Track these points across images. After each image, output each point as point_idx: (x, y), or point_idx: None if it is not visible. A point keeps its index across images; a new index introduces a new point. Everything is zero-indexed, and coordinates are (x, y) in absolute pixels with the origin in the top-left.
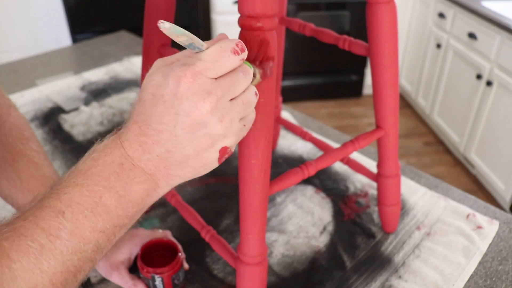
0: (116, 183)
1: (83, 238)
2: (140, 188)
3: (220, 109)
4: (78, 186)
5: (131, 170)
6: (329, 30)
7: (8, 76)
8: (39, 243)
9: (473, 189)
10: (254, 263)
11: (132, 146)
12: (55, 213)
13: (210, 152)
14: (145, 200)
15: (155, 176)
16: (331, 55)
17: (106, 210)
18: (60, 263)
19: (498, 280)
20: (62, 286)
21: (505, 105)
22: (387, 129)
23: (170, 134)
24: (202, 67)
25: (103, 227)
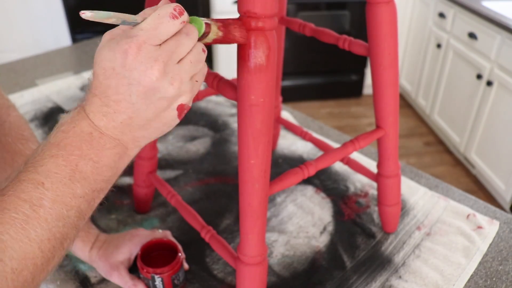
0: (89, 151)
1: (65, 205)
2: (111, 153)
3: (169, 73)
4: (54, 158)
5: (101, 138)
6: (329, 30)
7: (8, 76)
8: (24, 214)
9: (473, 189)
10: (254, 263)
11: (96, 116)
12: (34, 185)
13: (168, 112)
14: (118, 163)
15: (123, 140)
16: (331, 55)
17: (83, 176)
18: (47, 230)
19: (498, 280)
20: (50, 253)
21: (505, 105)
22: (387, 129)
23: (127, 103)
24: (145, 37)
25: (82, 192)
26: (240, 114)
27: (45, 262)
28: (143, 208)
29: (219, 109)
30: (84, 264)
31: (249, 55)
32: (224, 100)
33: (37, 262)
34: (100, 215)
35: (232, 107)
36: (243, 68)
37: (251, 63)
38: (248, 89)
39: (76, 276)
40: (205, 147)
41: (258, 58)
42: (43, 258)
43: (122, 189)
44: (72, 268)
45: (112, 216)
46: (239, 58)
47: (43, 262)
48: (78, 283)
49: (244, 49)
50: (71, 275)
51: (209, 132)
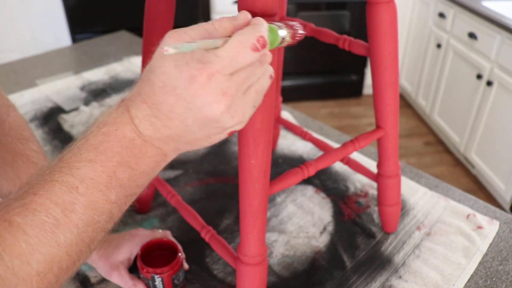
0: (129, 158)
1: (97, 210)
2: (151, 161)
3: (233, 106)
4: (92, 162)
5: (142, 146)
6: (329, 30)
7: (8, 76)
8: (54, 218)
9: (473, 189)
10: (254, 263)
11: (142, 124)
12: (68, 188)
13: (220, 136)
14: (155, 170)
15: (165, 149)
16: (331, 55)
17: (119, 184)
18: (76, 235)
19: (498, 280)
20: (76, 256)
21: (505, 105)
22: (387, 129)
23: (180, 123)
24: (219, 66)
25: (116, 198)
26: None
27: (71, 264)
28: (143, 208)
29: None
30: (84, 264)
31: None
32: None
33: (62, 265)
34: None
35: None
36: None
37: None
38: None
39: (76, 276)
40: (205, 147)
41: None
42: (69, 261)
43: None
44: None
45: None
46: None
47: (69, 265)
48: (78, 283)
49: None
50: None
51: None
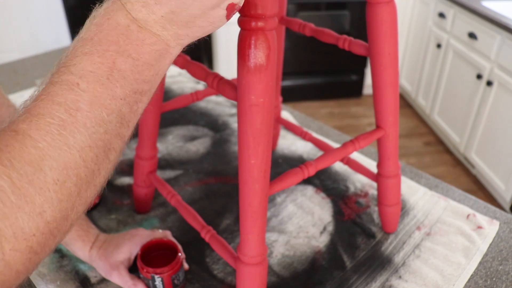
0: (127, 46)
1: (104, 107)
2: (152, 49)
3: None
4: (88, 55)
5: (139, 32)
6: (329, 30)
7: (8, 76)
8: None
9: (473, 189)
10: (254, 263)
11: (134, 7)
12: (69, 86)
13: (217, 11)
14: (159, 62)
15: (164, 36)
16: (331, 55)
17: (122, 75)
18: (87, 137)
19: (498, 280)
20: (94, 164)
21: (505, 105)
22: (387, 129)
23: None
24: None
25: (122, 93)
26: (240, 114)
27: (90, 174)
28: (143, 208)
29: (219, 109)
30: (84, 264)
31: (249, 55)
32: (224, 100)
33: (80, 173)
34: (100, 215)
35: (232, 107)
36: (243, 68)
37: (251, 63)
38: (248, 89)
39: (76, 276)
40: (205, 147)
41: (258, 58)
42: (87, 169)
43: (122, 189)
44: (72, 268)
45: (112, 216)
46: (239, 58)
47: (87, 174)
48: (78, 283)
49: (244, 49)
50: (71, 275)
51: (209, 132)
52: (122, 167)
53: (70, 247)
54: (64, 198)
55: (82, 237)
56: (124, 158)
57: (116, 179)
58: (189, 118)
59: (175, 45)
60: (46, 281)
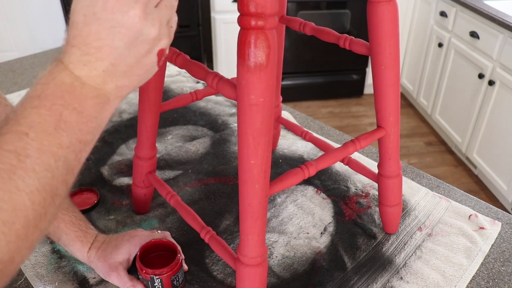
0: (72, 100)
1: (52, 154)
2: (95, 103)
3: (149, 14)
4: (36, 108)
5: (82, 88)
6: (330, 29)
7: (6, 75)
8: (10, 164)
9: (475, 189)
10: (254, 264)
11: (77, 66)
12: (18, 135)
13: (149, 57)
14: (101, 114)
15: (105, 90)
16: (331, 54)
17: (68, 126)
18: (35, 181)
19: (500, 281)
20: (41, 207)
21: (507, 104)
22: (388, 129)
23: (110, 48)
24: None
25: (68, 142)
26: (240, 113)
27: (37, 217)
28: (142, 208)
29: (218, 108)
30: (83, 265)
31: (249, 54)
32: (223, 99)
33: (28, 216)
34: (99, 215)
35: (232, 106)
36: (243, 67)
37: (251, 62)
38: (248, 89)
39: (74, 277)
40: (204, 147)
41: (258, 57)
42: (35, 212)
43: (121, 189)
44: (70, 269)
45: (111, 216)
46: (239, 57)
47: (35, 217)
48: (76, 284)
49: (244, 48)
50: (69, 276)
51: (208, 132)
52: (121, 167)
53: (69, 248)
54: (12, 239)
55: (81, 238)
56: (123, 158)
57: (115, 180)
58: (189, 118)
59: (115, 98)
60: (45, 282)
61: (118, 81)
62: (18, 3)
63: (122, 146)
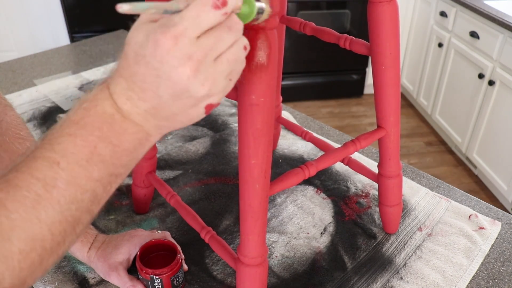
0: (110, 133)
1: (80, 187)
2: (133, 138)
3: (201, 72)
4: (72, 137)
5: (123, 121)
6: (330, 29)
7: (6, 75)
8: (36, 193)
9: (475, 189)
10: (254, 264)
11: (120, 99)
12: (49, 163)
13: (196, 110)
14: (138, 149)
15: (146, 127)
16: (331, 54)
17: (101, 160)
18: (58, 213)
19: (500, 281)
20: (60, 237)
21: (507, 104)
22: (388, 129)
23: (154, 94)
24: (182, 28)
25: (99, 176)
26: (240, 113)
27: (55, 245)
28: (142, 208)
29: (219, 108)
30: (83, 265)
31: (249, 54)
32: (224, 99)
33: (46, 245)
34: (99, 215)
35: (232, 106)
36: (244, 67)
37: (252, 62)
38: (249, 89)
39: (74, 277)
40: (204, 147)
41: (259, 57)
42: (53, 241)
43: (121, 189)
44: (70, 269)
45: (111, 216)
46: None
47: (53, 246)
48: (76, 284)
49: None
50: (69, 276)
51: (208, 132)
52: None
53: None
54: (26, 267)
55: (81, 238)
56: None
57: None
58: None
59: (155, 134)
60: (44, 282)
61: (159, 122)
62: (18, 3)
63: None
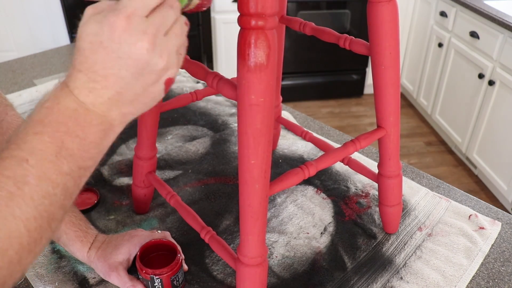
0: (75, 127)
1: (51, 182)
2: (98, 129)
3: (157, 45)
4: (38, 134)
5: (86, 114)
6: (330, 29)
7: (6, 75)
8: (8, 191)
9: (475, 189)
10: (254, 264)
11: (82, 92)
12: (18, 161)
13: (156, 86)
14: (104, 140)
15: (110, 116)
16: (331, 54)
17: (69, 153)
18: (32, 208)
19: (500, 281)
20: (37, 233)
21: (507, 104)
22: (388, 129)
23: (116, 77)
24: (132, 8)
25: (68, 169)
26: (240, 113)
27: (32, 242)
28: (142, 208)
29: (218, 108)
30: (83, 265)
31: (249, 54)
32: (223, 99)
33: (23, 242)
34: (99, 215)
35: (232, 106)
36: (244, 68)
37: (252, 62)
38: (249, 89)
39: (74, 277)
40: (204, 147)
41: (258, 57)
42: (30, 238)
43: (121, 189)
44: (70, 269)
45: (111, 216)
46: (239, 57)
47: (30, 242)
48: (76, 284)
49: (244, 48)
50: (69, 276)
51: (208, 132)
52: (121, 167)
53: (69, 248)
54: (5, 266)
55: (81, 238)
56: (123, 158)
57: (115, 180)
58: (189, 118)
59: (119, 124)
60: (44, 282)
61: (123, 109)
62: (18, 3)
63: (122, 146)
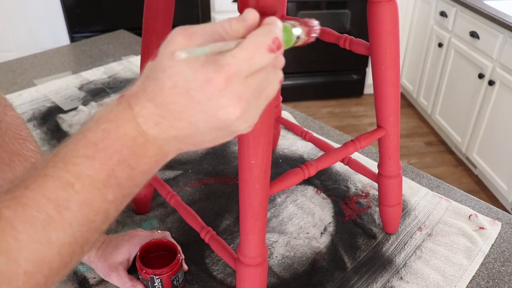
0: (129, 157)
1: (93, 209)
2: (151, 160)
3: (247, 111)
4: (90, 159)
5: (144, 144)
6: (330, 29)
7: (6, 75)
8: (47, 214)
9: (475, 189)
10: (254, 264)
11: (147, 123)
12: (63, 184)
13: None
14: (153, 169)
15: (166, 149)
16: (331, 54)
17: (117, 183)
18: (69, 235)
19: (500, 281)
20: (69, 258)
21: (507, 104)
22: (388, 129)
23: (190, 124)
24: (236, 68)
25: (113, 198)
26: None
27: (62, 266)
28: (142, 208)
29: None
30: (83, 265)
31: None
32: None
33: (53, 266)
34: None
35: None
36: None
37: None
38: None
39: (74, 277)
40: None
41: None
42: (61, 263)
43: None
44: None
45: None
46: None
47: (60, 266)
48: (76, 284)
49: None
50: (69, 276)
51: None
52: None
53: None
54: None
55: None
56: None
57: None
58: None
59: (173, 155)
60: None
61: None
62: (18, 3)
63: None
